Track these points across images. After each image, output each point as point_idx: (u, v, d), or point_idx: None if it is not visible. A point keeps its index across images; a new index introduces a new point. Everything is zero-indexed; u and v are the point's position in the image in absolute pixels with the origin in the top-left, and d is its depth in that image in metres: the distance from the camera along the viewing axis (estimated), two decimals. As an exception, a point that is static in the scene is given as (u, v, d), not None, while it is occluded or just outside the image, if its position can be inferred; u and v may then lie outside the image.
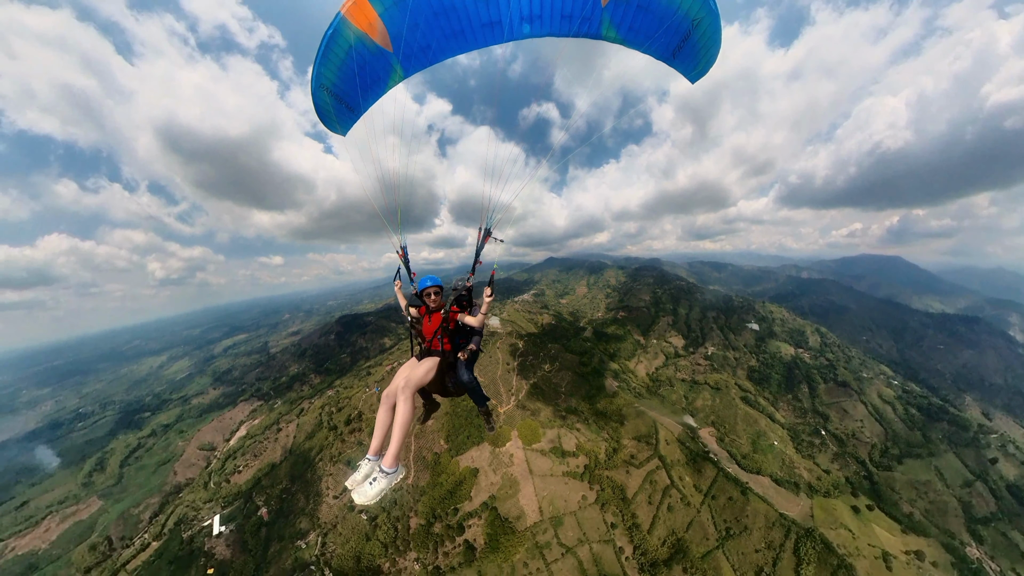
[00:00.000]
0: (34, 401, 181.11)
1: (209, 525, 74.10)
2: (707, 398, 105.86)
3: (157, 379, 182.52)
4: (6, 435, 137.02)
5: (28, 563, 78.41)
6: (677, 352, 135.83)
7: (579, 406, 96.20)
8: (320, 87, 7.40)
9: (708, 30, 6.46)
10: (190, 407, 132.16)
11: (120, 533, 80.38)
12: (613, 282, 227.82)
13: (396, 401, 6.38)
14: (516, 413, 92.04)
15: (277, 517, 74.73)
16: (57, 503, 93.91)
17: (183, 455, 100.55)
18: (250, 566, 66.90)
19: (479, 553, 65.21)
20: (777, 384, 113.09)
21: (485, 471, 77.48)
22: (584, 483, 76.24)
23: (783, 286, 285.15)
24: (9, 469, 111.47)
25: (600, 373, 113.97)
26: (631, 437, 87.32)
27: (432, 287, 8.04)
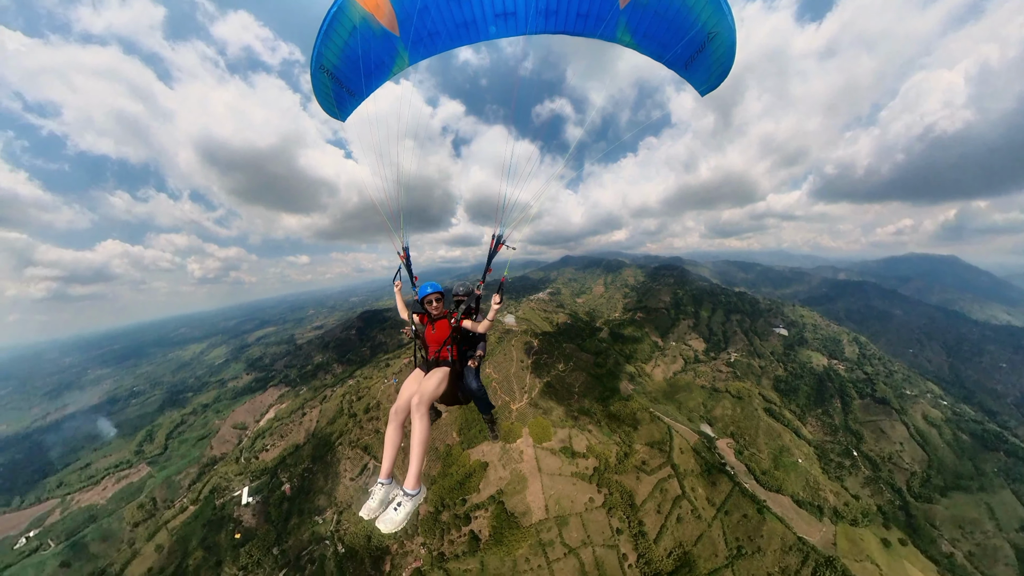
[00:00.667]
0: (97, 379, 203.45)
1: (238, 495, 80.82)
2: (727, 407, 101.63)
3: (198, 363, 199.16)
4: (75, 407, 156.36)
5: (89, 515, 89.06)
6: (697, 357, 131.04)
7: (592, 407, 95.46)
8: (320, 68, 7.11)
9: (723, 44, 6.39)
10: (226, 390, 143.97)
11: (164, 496, 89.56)
12: (631, 281, 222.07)
13: (411, 418, 6.13)
14: (528, 411, 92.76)
15: (298, 493, 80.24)
16: (113, 467, 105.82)
17: (219, 432, 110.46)
18: (272, 535, 72.66)
19: (483, 544, 66.99)
20: (806, 397, 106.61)
21: (494, 465, 79.03)
22: (592, 485, 75.93)
23: (817, 288, 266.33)
24: (76, 436, 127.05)
25: (615, 375, 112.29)
26: (644, 443, 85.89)
27: (434, 294, 7.66)
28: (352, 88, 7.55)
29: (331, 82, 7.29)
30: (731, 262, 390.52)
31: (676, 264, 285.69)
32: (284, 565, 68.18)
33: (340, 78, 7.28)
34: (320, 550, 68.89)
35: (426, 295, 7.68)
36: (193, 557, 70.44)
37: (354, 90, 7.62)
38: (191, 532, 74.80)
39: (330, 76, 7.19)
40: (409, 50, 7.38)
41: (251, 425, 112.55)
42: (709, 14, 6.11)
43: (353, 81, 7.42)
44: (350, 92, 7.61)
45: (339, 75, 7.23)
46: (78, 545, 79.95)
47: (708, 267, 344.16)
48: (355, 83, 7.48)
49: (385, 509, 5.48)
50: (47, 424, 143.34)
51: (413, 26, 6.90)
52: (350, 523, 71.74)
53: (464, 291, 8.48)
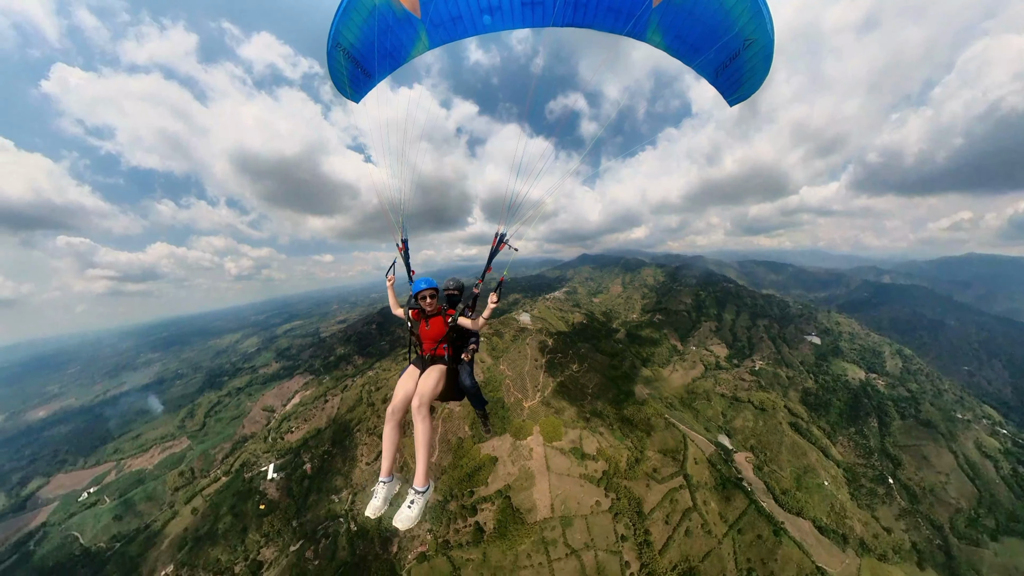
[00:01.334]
0: (148, 362, 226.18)
1: (265, 471, 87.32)
2: (748, 419, 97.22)
3: (233, 351, 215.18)
4: (129, 386, 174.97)
5: (138, 478, 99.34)
6: (719, 363, 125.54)
7: (605, 410, 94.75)
8: (336, 47, 7.00)
9: (760, 53, 6.01)
10: (257, 376, 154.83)
11: (201, 466, 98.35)
12: (650, 281, 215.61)
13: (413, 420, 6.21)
14: (540, 409, 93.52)
15: (318, 473, 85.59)
16: (159, 438, 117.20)
17: (250, 413, 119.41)
18: (292, 509, 78.26)
19: (487, 536, 68.76)
20: (838, 413, 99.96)
21: (504, 461, 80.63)
22: (600, 489, 75.72)
23: (856, 292, 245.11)
24: (130, 410, 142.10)
25: (630, 378, 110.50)
26: (656, 449, 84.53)
27: (428, 290, 7.57)
28: (368, 68, 7.45)
29: (347, 61, 7.21)
30: (759, 262, 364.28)
31: (699, 263, 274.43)
32: (302, 537, 73.29)
33: (357, 58, 7.20)
34: (334, 527, 73.46)
35: (420, 291, 7.57)
36: (223, 521, 77.16)
37: (370, 71, 7.51)
38: (222, 500, 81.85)
39: (346, 55, 7.11)
40: (429, 33, 7.29)
41: (278, 408, 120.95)
42: (748, 19, 5.75)
43: (370, 62, 7.31)
44: (366, 73, 7.51)
45: (356, 55, 7.15)
46: (128, 502, 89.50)
47: (733, 267, 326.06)
48: (372, 64, 7.37)
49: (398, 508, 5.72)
50: (107, 399, 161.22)
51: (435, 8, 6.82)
52: (363, 504, 75.96)
53: (454, 286, 8.35)
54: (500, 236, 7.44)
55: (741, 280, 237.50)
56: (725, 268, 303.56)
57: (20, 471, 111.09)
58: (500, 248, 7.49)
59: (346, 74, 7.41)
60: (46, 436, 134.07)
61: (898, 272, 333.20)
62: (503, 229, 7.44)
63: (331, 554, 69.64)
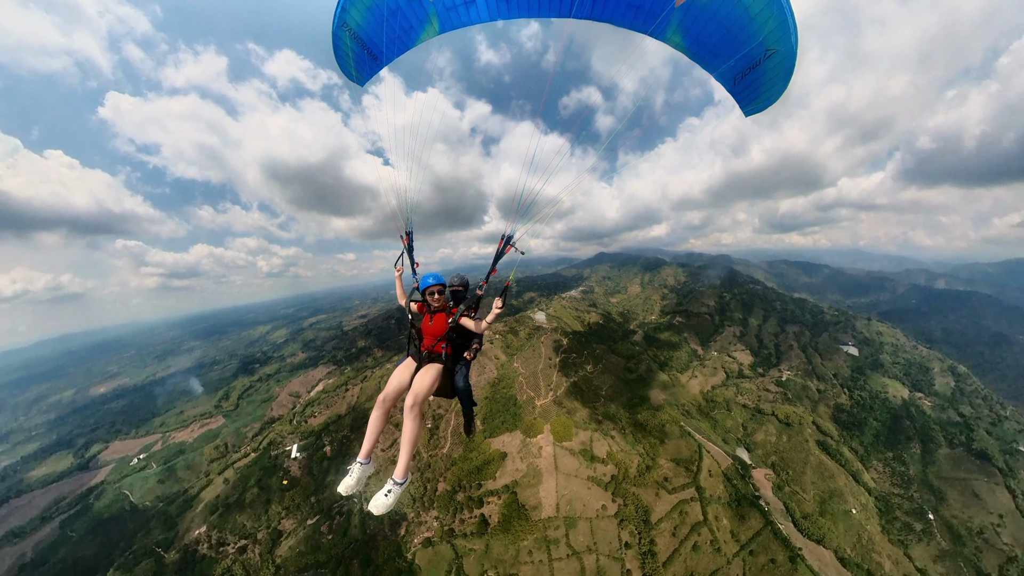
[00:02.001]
0: (191, 349, 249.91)
1: (289, 450, 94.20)
2: (771, 433, 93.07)
3: (264, 342, 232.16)
4: (174, 368, 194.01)
5: (179, 449, 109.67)
6: (742, 371, 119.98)
7: (618, 413, 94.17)
8: (343, 27, 6.87)
9: (781, 65, 5.92)
10: (285, 364, 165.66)
11: (233, 442, 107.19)
12: (671, 281, 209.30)
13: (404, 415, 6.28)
14: (552, 408, 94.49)
15: (336, 455, 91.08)
16: (199, 415, 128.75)
17: (278, 398, 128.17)
18: (311, 486, 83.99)
19: (491, 529, 70.78)
20: (874, 435, 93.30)
21: (513, 457, 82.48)
22: (607, 493, 75.64)
23: (903, 299, 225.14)
24: (175, 390, 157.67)
25: (646, 382, 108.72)
26: (669, 458, 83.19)
27: (436, 286, 7.56)
28: (375, 51, 7.35)
29: (353, 43, 7.11)
30: (791, 262, 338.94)
31: (723, 263, 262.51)
32: (318, 512, 78.60)
33: (364, 39, 7.10)
34: (348, 506, 78.19)
35: (428, 286, 7.57)
36: (250, 492, 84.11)
37: (377, 54, 7.42)
38: (250, 473, 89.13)
39: (353, 36, 7.00)
40: (440, 17, 7.17)
41: (303, 394, 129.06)
42: (771, 28, 5.63)
43: (377, 44, 7.21)
44: (373, 56, 7.42)
45: (363, 36, 7.05)
46: (171, 469, 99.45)
47: (762, 268, 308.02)
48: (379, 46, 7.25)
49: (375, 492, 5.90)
50: (156, 379, 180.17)
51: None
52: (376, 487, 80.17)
53: (459, 282, 8.23)
54: (507, 238, 7.35)
55: (770, 282, 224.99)
56: (752, 268, 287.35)
57: (85, 436, 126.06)
58: (506, 250, 7.39)
59: (352, 56, 7.31)
60: (106, 409, 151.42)
61: (955, 276, 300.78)
62: (510, 230, 7.35)
63: (343, 531, 74.34)
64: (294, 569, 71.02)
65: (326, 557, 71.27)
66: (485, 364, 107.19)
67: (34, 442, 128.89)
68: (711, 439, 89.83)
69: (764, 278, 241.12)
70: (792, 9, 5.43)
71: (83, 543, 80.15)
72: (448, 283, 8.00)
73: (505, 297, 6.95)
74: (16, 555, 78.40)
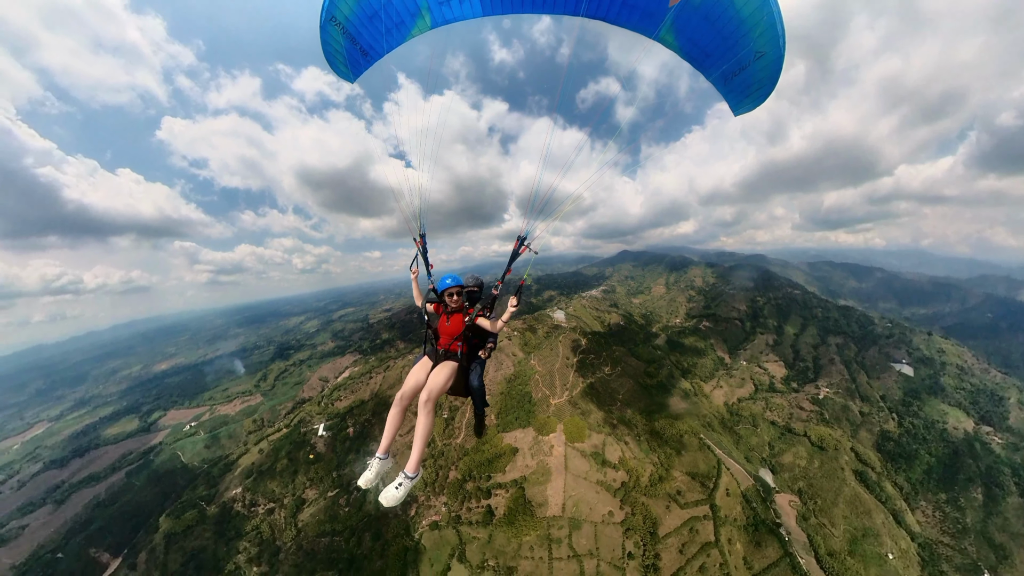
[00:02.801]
0: (236, 335, 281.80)
1: (316, 428, 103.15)
2: (802, 456, 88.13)
3: (298, 331, 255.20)
4: (222, 351, 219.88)
5: (223, 420, 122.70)
6: (773, 384, 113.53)
7: (634, 419, 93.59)
8: (331, 21, 6.75)
9: (768, 68, 6.24)
10: (316, 352, 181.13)
11: (268, 417, 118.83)
12: (699, 283, 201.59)
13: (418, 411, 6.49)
14: (566, 408, 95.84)
15: (358, 436, 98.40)
16: (240, 392, 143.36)
17: (309, 381, 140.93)
18: (334, 462, 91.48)
19: (496, 520, 73.57)
20: (925, 471, 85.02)
21: (524, 453, 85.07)
22: (616, 499, 75.73)
23: (975, 311, 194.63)
24: (221, 370, 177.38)
25: (666, 388, 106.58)
26: (684, 470, 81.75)
27: (454, 287, 7.78)
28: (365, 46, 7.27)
29: (343, 38, 7.03)
30: (837, 264, 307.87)
31: (758, 263, 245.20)
32: (338, 486, 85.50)
33: (353, 34, 7.03)
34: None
35: (446, 287, 7.78)
36: (280, 462, 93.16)
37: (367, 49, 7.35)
38: (282, 446, 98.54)
39: (342, 31, 6.91)
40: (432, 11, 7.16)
41: (331, 379, 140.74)
42: (761, 31, 5.91)
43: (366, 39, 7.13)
44: (363, 51, 7.34)
45: (352, 31, 6.97)
46: (215, 437, 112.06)
47: (802, 270, 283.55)
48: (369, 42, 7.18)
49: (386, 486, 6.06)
50: (206, 360, 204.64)
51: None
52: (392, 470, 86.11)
53: (474, 283, 8.51)
54: (521, 238, 7.53)
55: (811, 286, 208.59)
56: (790, 270, 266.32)
57: (148, 404, 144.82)
58: (522, 250, 7.57)
59: (341, 52, 7.25)
60: (165, 382, 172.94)
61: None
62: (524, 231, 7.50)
63: (359, 505, 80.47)
64: (313, 534, 77.95)
65: (342, 527, 77.63)
66: (502, 360, 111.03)
67: (109, 406, 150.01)
68: (732, 455, 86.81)
69: (804, 281, 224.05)
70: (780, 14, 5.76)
71: (143, 491, 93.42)
72: (464, 284, 8.20)
73: (520, 295, 7.22)
74: (94, 494, 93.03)
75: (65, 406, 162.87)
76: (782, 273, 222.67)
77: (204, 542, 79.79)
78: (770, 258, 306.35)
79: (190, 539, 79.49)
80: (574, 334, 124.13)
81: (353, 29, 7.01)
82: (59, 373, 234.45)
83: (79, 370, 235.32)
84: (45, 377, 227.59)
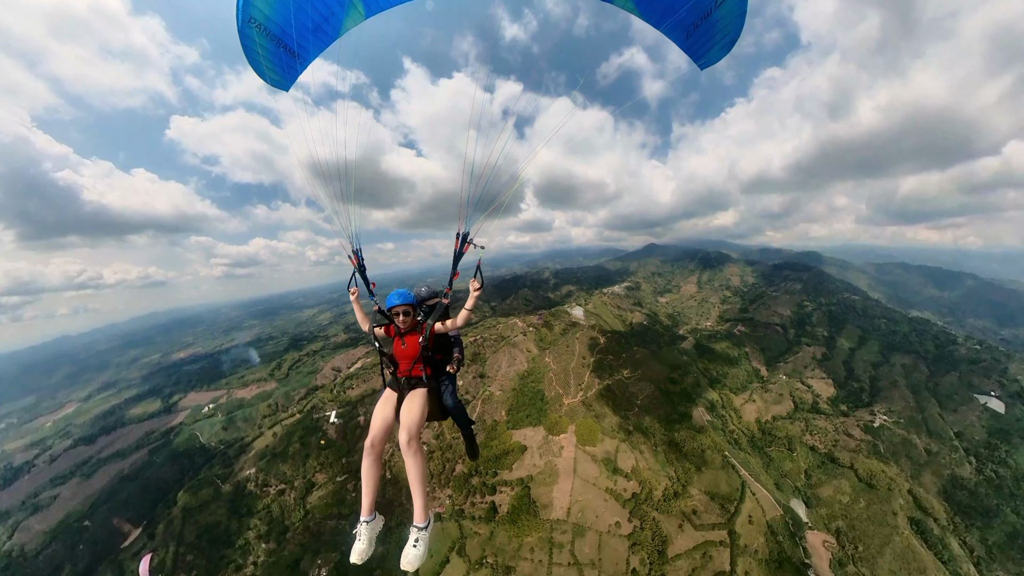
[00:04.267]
0: (250, 326, 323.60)
1: (328, 415, 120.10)
2: (844, 491, 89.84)
3: (311, 323, 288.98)
4: (238, 341, 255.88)
5: (239, 404, 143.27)
6: (817, 404, 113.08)
7: (652, 427, 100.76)
8: (249, 23, 6.72)
9: (734, 10, 6.52)
10: (329, 343, 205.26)
11: (283, 403, 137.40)
12: (736, 282, 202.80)
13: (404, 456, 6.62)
14: (579, 409, 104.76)
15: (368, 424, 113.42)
16: (256, 379, 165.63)
17: (322, 370, 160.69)
18: (344, 448, 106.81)
19: (499, 518, 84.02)
20: (1008, 534, 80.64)
21: (532, 452, 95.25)
22: (625, 511, 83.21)
23: None
24: (238, 358, 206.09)
25: (690, 397, 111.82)
26: (703, 489, 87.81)
27: (402, 306, 7.93)
28: (293, 47, 7.30)
29: (267, 41, 7.05)
30: (914, 267, 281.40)
31: (810, 263, 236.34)
32: (347, 472, 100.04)
33: (277, 35, 7.04)
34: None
35: (393, 306, 7.97)
36: (293, 446, 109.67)
37: (296, 50, 7.36)
38: (294, 431, 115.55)
39: (264, 33, 6.94)
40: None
41: (344, 369, 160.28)
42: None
43: (294, 39, 7.15)
44: (292, 53, 7.37)
45: (276, 31, 6.99)
46: (232, 419, 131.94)
47: (866, 272, 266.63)
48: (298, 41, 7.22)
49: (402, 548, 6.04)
50: (222, 349, 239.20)
51: None
52: (399, 458, 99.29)
53: (428, 294, 8.95)
54: (463, 236, 7.71)
55: (875, 291, 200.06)
56: (851, 272, 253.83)
57: (169, 388, 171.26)
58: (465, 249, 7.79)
59: (267, 56, 7.28)
60: (184, 369, 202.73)
61: None
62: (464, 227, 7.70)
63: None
64: (320, 516, 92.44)
65: (348, 511, 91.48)
66: (515, 356, 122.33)
67: (132, 389, 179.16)
68: (760, 479, 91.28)
69: (868, 286, 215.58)
70: None
71: (164, 467, 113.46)
72: (417, 297, 8.64)
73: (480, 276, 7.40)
74: (119, 469, 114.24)
75: (92, 388, 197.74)
76: (839, 275, 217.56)
77: (218, 517, 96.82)
78: (826, 257, 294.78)
79: (205, 514, 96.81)
80: (592, 332, 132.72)
81: (277, 29, 7.02)
82: (85, 360, 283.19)
83: (103, 358, 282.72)
84: (72, 364, 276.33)
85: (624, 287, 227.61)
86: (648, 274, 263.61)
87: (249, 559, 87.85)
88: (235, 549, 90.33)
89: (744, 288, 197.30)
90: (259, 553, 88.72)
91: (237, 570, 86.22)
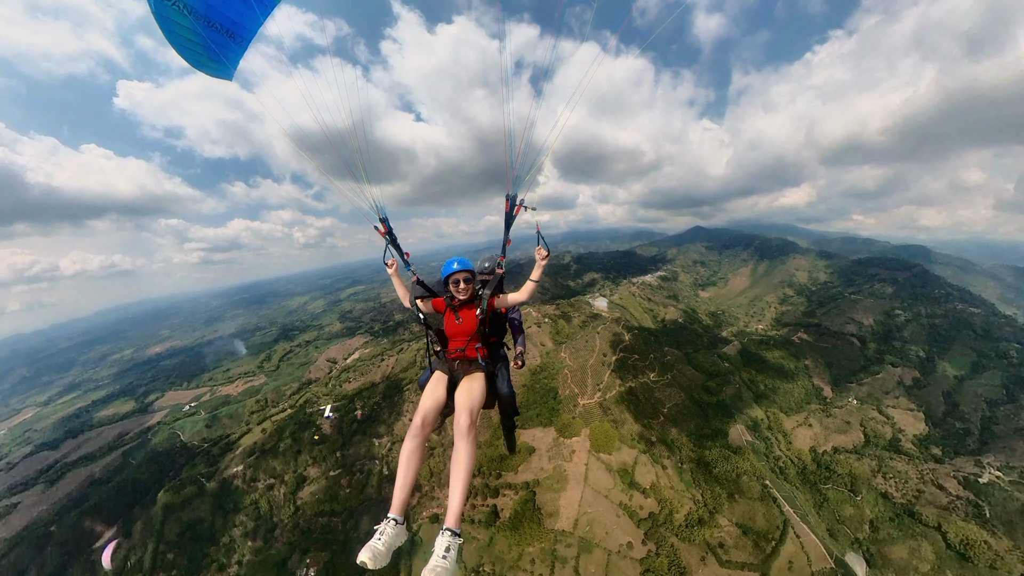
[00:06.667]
0: (234, 316, 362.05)
1: (323, 410, 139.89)
2: (924, 558, 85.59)
3: (303, 311, 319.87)
4: (220, 333, 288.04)
5: (224, 401, 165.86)
6: (898, 441, 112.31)
7: (679, 440, 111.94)
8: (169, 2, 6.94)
9: None
10: (323, 332, 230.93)
11: (273, 399, 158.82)
12: (802, 278, 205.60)
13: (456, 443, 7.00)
14: (596, 411, 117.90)
15: (366, 419, 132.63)
16: (243, 374, 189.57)
17: (316, 363, 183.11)
18: (339, 443, 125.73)
19: (499, 523, 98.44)
20: None
21: (540, 454, 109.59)
22: (639, 531, 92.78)
23: None
24: (221, 351, 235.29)
25: (728, 411, 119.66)
26: (735, 521, 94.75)
27: (462, 272, 8.85)
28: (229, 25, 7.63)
29: (195, 22, 7.29)
30: None
31: (911, 259, 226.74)
32: (341, 467, 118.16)
33: (206, 13, 7.32)
34: (370, 466, 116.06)
35: (452, 273, 8.87)
36: (284, 443, 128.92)
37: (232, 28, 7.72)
38: (286, 426, 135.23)
39: (189, 13, 7.16)
40: None
41: (340, 361, 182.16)
42: None
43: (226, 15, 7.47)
44: (228, 33, 7.72)
45: (203, 9, 7.27)
46: (216, 417, 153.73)
47: (997, 277, 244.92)
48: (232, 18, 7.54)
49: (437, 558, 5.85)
50: (204, 342, 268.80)
51: None
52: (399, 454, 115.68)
53: (490, 267, 9.94)
54: (511, 199, 8.75)
55: (1009, 306, 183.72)
56: (974, 276, 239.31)
57: (143, 387, 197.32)
58: (516, 212, 8.82)
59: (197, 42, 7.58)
60: (161, 365, 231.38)
61: None
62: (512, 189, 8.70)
63: (361, 487, 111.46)
64: (311, 512, 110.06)
65: (341, 508, 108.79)
66: (528, 348, 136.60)
67: (101, 390, 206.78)
68: (808, 520, 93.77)
69: (998, 297, 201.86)
70: None
71: (141, 469, 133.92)
72: (478, 269, 9.59)
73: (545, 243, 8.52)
74: (88, 473, 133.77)
75: (53, 392, 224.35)
76: (955, 278, 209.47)
77: (201, 514, 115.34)
78: (937, 253, 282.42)
79: (187, 511, 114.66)
80: (616, 327, 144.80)
81: (203, 7, 7.26)
82: (44, 360, 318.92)
83: (65, 356, 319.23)
84: (29, 365, 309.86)
85: (658, 277, 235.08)
86: (689, 263, 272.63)
87: (233, 558, 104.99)
88: (219, 547, 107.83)
89: (813, 287, 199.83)
90: (244, 551, 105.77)
91: (221, 569, 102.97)
